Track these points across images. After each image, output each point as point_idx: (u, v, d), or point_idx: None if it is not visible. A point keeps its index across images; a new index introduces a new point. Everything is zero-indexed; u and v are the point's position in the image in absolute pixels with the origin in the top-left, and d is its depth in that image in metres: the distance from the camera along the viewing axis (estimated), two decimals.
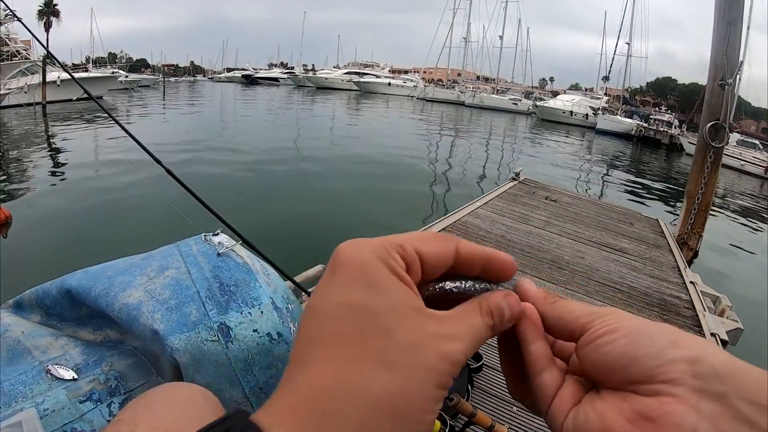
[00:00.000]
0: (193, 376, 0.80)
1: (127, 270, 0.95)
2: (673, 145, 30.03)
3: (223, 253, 1.01)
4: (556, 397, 0.33)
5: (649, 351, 0.29)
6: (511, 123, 35.16)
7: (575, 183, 13.23)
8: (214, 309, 0.86)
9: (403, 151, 14.41)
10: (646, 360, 0.28)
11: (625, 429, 0.28)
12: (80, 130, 14.83)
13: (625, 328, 0.30)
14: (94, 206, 7.05)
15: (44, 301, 0.95)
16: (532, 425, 1.97)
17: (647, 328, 0.30)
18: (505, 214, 5.21)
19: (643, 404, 0.28)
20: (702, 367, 0.27)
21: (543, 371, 0.34)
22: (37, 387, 0.77)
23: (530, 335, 0.34)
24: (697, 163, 5.52)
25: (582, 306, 0.34)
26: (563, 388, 0.33)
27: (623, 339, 0.30)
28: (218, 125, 19.98)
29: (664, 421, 0.27)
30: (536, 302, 0.35)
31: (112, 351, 0.88)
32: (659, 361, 0.28)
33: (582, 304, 0.34)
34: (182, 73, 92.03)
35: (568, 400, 0.32)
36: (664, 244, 5.24)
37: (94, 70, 36.51)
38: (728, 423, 0.25)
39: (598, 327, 0.31)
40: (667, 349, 0.28)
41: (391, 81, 55.74)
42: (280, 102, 35.24)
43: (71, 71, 2.39)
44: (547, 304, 0.34)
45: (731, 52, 5.09)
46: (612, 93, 54.27)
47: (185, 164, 9.61)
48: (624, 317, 0.31)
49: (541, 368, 0.34)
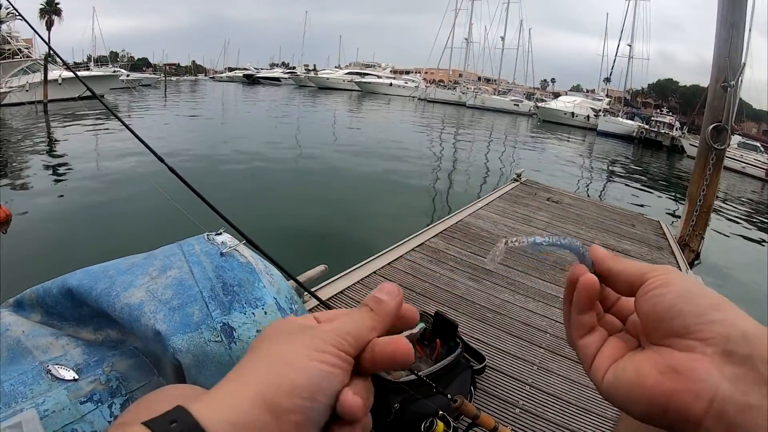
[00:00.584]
0: (195, 378, 0.79)
1: (129, 269, 0.93)
2: (674, 147, 29.99)
3: (226, 252, 0.99)
4: (598, 355, 0.37)
5: (693, 308, 0.32)
6: (513, 124, 35.12)
7: (577, 184, 13.21)
8: (217, 309, 0.85)
9: (404, 151, 14.39)
10: (689, 316, 0.32)
11: (656, 379, 0.32)
12: (82, 129, 14.82)
13: (677, 284, 0.34)
14: (95, 204, 7.04)
15: (45, 300, 0.94)
16: (535, 427, 1.96)
17: (695, 288, 0.33)
18: (507, 215, 5.20)
19: (675, 358, 0.31)
20: (734, 331, 0.30)
21: (583, 337, 0.39)
22: (37, 387, 0.75)
23: (579, 306, 0.39)
24: (699, 165, 5.51)
25: (640, 263, 0.38)
26: (605, 347, 0.38)
27: (674, 293, 0.33)
28: (220, 124, 19.98)
29: (690, 375, 0.30)
30: (605, 259, 0.40)
31: (113, 351, 0.87)
32: (700, 320, 0.31)
33: (637, 262, 0.38)
34: (184, 72, 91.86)
35: (608, 357, 0.37)
36: (666, 246, 5.23)
37: (96, 68, 36.49)
38: (750, 385, 0.28)
39: (654, 280, 0.35)
40: (709, 310, 0.31)
41: (392, 81, 55.68)
42: (281, 102, 35.24)
43: (73, 70, 2.38)
44: (612, 260, 0.39)
45: (734, 54, 5.08)
46: (613, 95, 54.25)
47: (187, 162, 9.61)
48: (677, 275, 0.35)
49: (581, 335, 0.39)
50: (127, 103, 25.65)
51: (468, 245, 4.00)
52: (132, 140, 1.68)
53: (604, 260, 0.39)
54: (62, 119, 17.06)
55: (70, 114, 17.75)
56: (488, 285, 3.28)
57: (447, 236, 4.14)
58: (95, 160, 10.51)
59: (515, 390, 2.18)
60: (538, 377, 2.30)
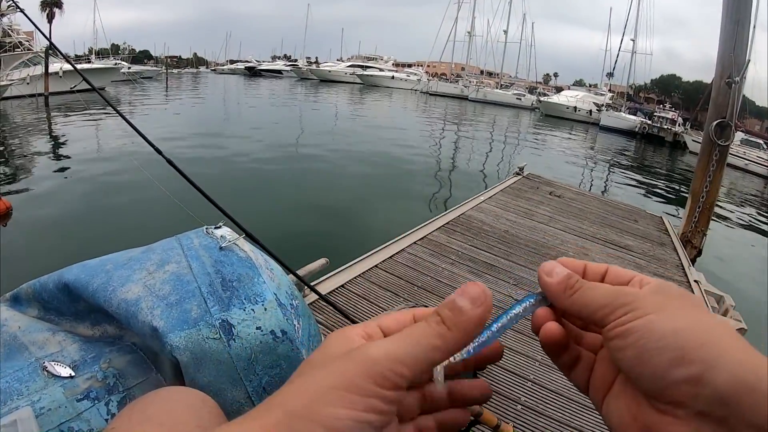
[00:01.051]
0: (193, 375, 0.78)
1: (126, 264, 0.92)
2: (676, 142, 29.92)
3: (225, 246, 0.98)
4: (590, 384, 0.35)
5: (652, 371, 0.28)
6: (515, 118, 35.00)
7: (579, 179, 13.17)
8: (215, 305, 0.83)
9: (406, 144, 14.36)
10: (651, 380, 0.28)
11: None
12: (82, 121, 14.79)
13: (635, 334, 0.29)
14: (94, 197, 7.03)
15: (42, 295, 0.92)
16: (537, 424, 1.95)
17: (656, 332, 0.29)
18: (509, 209, 5.17)
19: (652, 421, 0.29)
20: (705, 390, 0.26)
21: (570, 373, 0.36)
22: (33, 384, 0.74)
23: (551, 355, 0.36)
24: (702, 162, 5.48)
25: (599, 295, 0.33)
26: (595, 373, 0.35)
27: (631, 351, 0.29)
28: (221, 117, 19.94)
29: None
30: (555, 298, 0.35)
31: (110, 347, 0.85)
32: (663, 383, 0.28)
33: (601, 290, 0.33)
34: (185, 65, 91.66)
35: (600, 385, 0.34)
36: (668, 242, 5.21)
37: (97, 61, 36.39)
38: None
39: (612, 326, 0.31)
40: (670, 369, 0.27)
41: (394, 75, 55.51)
42: (283, 94, 35.15)
43: (74, 62, 2.37)
44: (566, 299, 0.34)
45: (738, 50, 5.04)
46: (616, 90, 53.93)
47: (187, 155, 9.58)
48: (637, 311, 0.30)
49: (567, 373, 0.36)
50: (128, 95, 25.60)
51: (470, 239, 3.98)
52: (133, 133, 1.67)
53: (559, 299, 0.35)
54: (63, 112, 17.03)
55: (70, 106, 17.72)
56: (490, 279, 3.26)
57: (449, 230, 4.12)
58: (95, 153, 10.49)
59: (517, 386, 2.17)
60: (539, 373, 2.29)
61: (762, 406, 0.24)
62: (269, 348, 0.84)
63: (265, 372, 0.83)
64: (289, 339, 0.87)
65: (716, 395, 0.25)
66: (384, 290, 2.85)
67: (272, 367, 0.84)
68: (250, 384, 0.82)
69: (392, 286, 2.92)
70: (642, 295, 0.31)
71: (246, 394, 0.81)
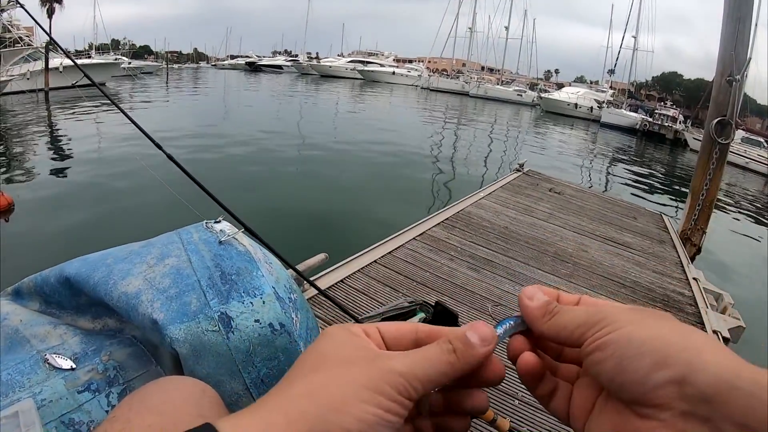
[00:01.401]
0: (192, 367, 0.79)
1: (127, 258, 0.93)
2: (677, 140, 29.88)
3: (224, 241, 0.99)
4: (570, 412, 0.35)
5: (633, 377, 0.29)
6: (516, 114, 34.96)
7: (579, 176, 13.16)
8: (215, 298, 0.84)
9: (406, 140, 14.35)
10: (632, 387, 0.29)
11: None
12: (83, 117, 14.78)
13: (613, 344, 0.30)
14: (94, 192, 7.04)
15: (43, 288, 0.93)
16: (534, 418, 1.96)
17: (634, 340, 0.30)
18: (509, 206, 5.18)
19: (635, 426, 0.29)
20: (689, 390, 0.27)
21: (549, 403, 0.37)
22: (34, 376, 0.75)
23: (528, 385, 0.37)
24: (703, 159, 5.48)
25: (575, 316, 0.34)
26: (574, 399, 0.36)
27: (610, 361, 0.30)
28: (221, 112, 19.90)
29: None
30: (533, 323, 0.36)
31: (111, 340, 0.86)
32: (645, 388, 0.28)
33: (577, 311, 0.35)
34: (185, 60, 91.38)
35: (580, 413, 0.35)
36: (668, 240, 5.22)
37: (97, 56, 36.30)
38: None
39: (590, 341, 0.32)
40: (651, 373, 0.28)
41: (395, 70, 55.48)
42: (283, 89, 35.08)
43: (74, 57, 2.37)
44: (543, 324, 0.36)
45: (740, 48, 5.03)
46: (617, 86, 53.82)
47: (187, 150, 9.58)
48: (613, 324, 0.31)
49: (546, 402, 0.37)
50: (128, 90, 25.56)
51: (469, 235, 3.99)
52: (133, 128, 1.67)
53: (537, 323, 0.36)
54: (63, 107, 17.01)
55: (71, 102, 17.69)
56: (489, 275, 3.28)
57: (448, 225, 4.13)
58: (96, 148, 10.49)
59: (514, 381, 2.18)
60: None
61: (744, 403, 0.25)
62: (267, 340, 0.85)
63: (263, 364, 0.84)
64: (287, 332, 0.88)
65: (700, 394, 0.26)
66: (383, 285, 2.86)
67: (270, 359, 0.85)
68: (249, 376, 0.83)
69: (391, 281, 2.93)
70: (617, 311, 0.33)
71: (244, 385, 0.82)
